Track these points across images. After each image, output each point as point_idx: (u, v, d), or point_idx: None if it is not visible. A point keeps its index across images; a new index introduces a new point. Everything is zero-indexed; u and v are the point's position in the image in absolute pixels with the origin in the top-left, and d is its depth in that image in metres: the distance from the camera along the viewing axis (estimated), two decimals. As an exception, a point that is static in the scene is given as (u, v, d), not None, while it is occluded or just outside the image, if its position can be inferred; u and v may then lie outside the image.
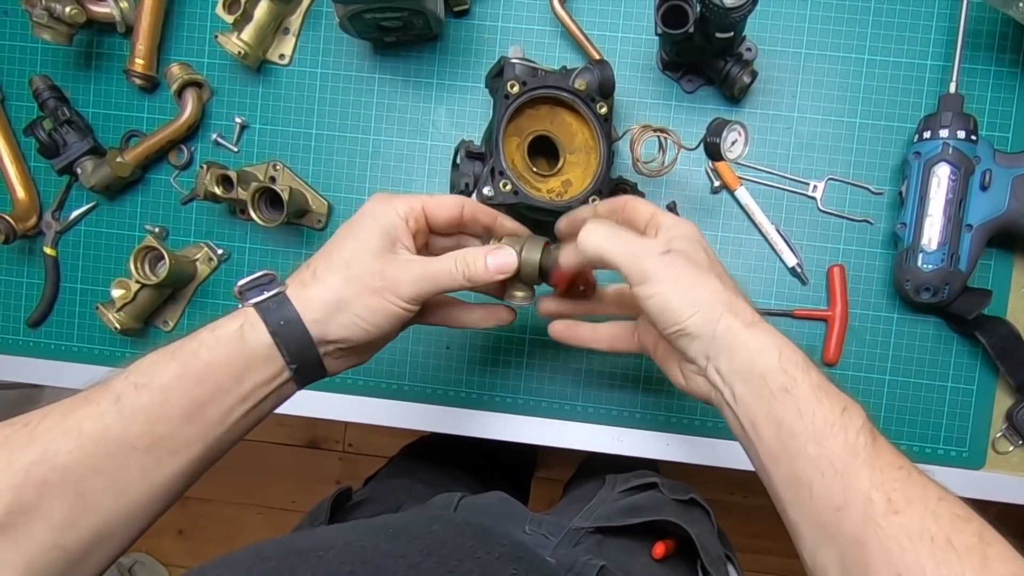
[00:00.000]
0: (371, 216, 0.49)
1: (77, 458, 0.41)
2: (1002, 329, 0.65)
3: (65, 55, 0.76)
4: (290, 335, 0.46)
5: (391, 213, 0.49)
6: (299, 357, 0.47)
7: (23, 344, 0.78)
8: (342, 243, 0.49)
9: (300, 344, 0.47)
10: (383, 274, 0.47)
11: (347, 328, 0.47)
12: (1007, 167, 0.63)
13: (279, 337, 0.46)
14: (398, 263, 0.48)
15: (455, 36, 0.72)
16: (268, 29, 0.71)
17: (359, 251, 0.48)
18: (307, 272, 0.48)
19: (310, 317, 0.46)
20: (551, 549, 0.61)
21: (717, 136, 0.57)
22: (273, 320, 0.46)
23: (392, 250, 0.49)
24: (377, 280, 0.47)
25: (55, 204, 0.77)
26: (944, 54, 0.68)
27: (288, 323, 0.46)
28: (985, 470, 0.69)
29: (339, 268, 0.47)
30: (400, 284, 0.47)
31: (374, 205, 0.50)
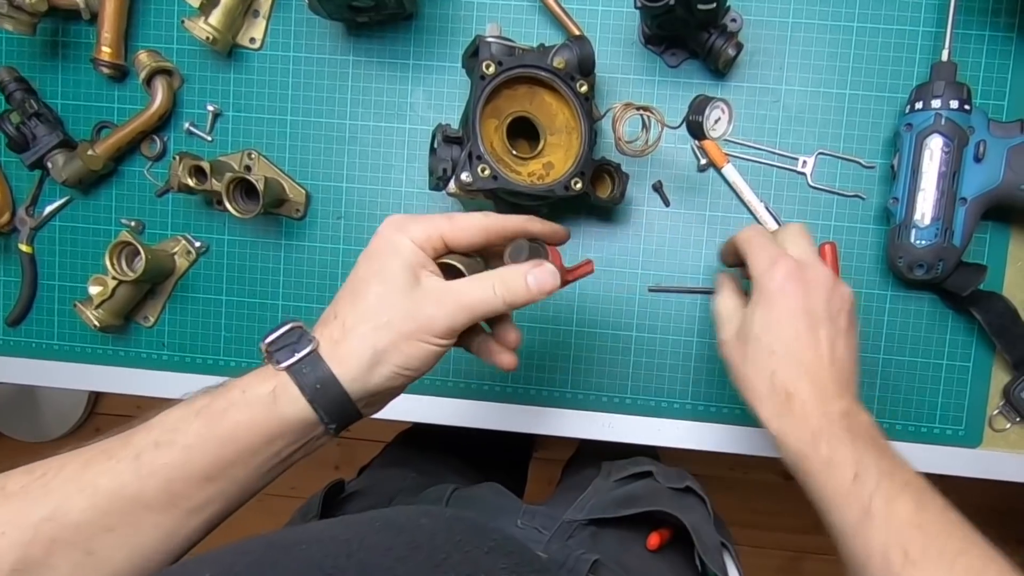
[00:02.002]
0: (390, 249, 0.45)
1: (90, 517, 0.40)
2: (998, 305, 0.63)
3: (30, 45, 0.73)
4: (327, 398, 0.43)
5: (408, 243, 0.45)
6: (338, 416, 0.44)
7: (2, 343, 0.77)
8: (366, 285, 0.45)
9: (338, 405, 0.44)
10: (416, 315, 0.44)
11: (388, 379, 0.44)
12: (1002, 137, 0.61)
13: (316, 402, 0.43)
14: (429, 298, 0.44)
15: (430, 14, 0.70)
16: (237, 12, 0.69)
17: (386, 294, 0.44)
18: (335, 325, 0.45)
19: (348, 377, 0.43)
20: (544, 543, 0.60)
21: (700, 114, 0.55)
22: (308, 384, 0.43)
23: (418, 282, 0.45)
24: (411, 323, 0.44)
25: (28, 200, 0.75)
26: (936, 20, 0.65)
27: (324, 385, 0.43)
28: (982, 448, 0.68)
29: (368, 316, 0.44)
30: (435, 322, 0.44)
31: (390, 234, 0.46)
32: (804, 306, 0.50)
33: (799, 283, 0.50)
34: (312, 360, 0.43)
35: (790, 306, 0.50)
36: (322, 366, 0.43)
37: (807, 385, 0.49)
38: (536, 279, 0.47)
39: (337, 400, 0.43)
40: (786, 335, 0.50)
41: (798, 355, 0.49)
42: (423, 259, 0.46)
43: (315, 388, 0.43)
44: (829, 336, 0.50)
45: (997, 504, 1.63)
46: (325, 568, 0.34)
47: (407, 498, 0.71)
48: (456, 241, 0.47)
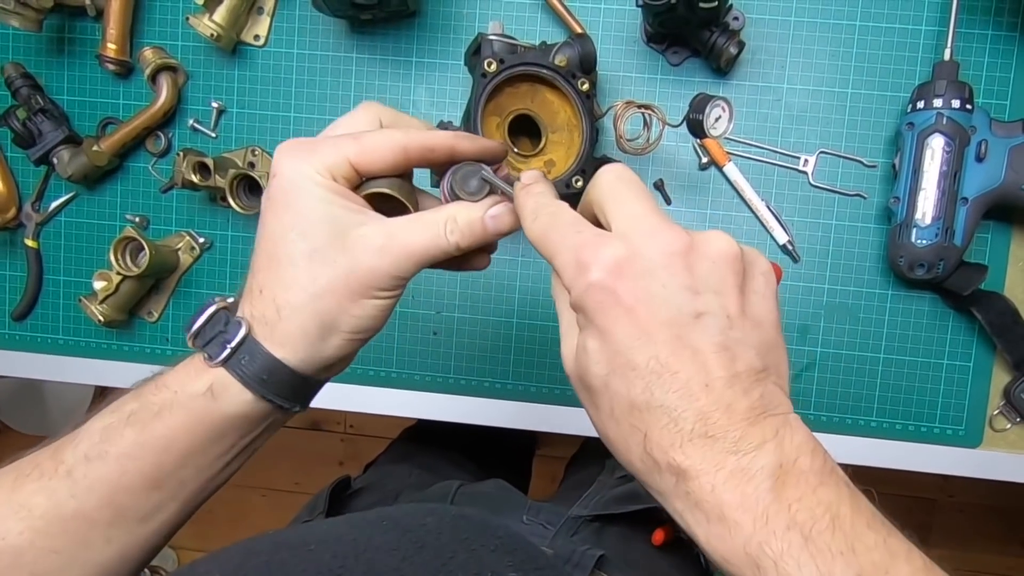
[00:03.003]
0: (298, 191, 0.37)
1: (29, 539, 0.37)
2: (999, 305, 0.63)
3: (36, 41, 0.74)
4: (280, 384, 0.38)
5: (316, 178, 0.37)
6: (298, 397, 0.40)
7: (8, 338, 0.78)
8: (286, 244, 0.38)
9: (293, 387, 0.39)
10: (356, 270, 0.37)
11: (342, 348, 0.39)
12: (1004, 137, 0.61)
13: (268, 392, 0.38)
14: (366, 247, 0.37)
15: (433, 11, 0.70)
16: (241, 9, 0.69)
17: (313, 252, 0.37)
18: (264, 301, 0.38)
19: (297, 358, 0.38)
20: (549, 539, 0.60)
21: (700, 113, 0.55)
22: (252, 376, 0.38)
23: (346, 228, 0.37)
24: (352, 281, 0.37)
25: (34, 195, 0.76)
26: (939, 19, 0.65)
27: (272, 374, 0.38)
28: (982, 448, 0.68)
29: (301, 285, 0.37)
30: (379, 274, 0.37)
31: (291, 170, 0.38)
32: (654, 311, 0.31)
33: (631, 279, 0.32)
34: (249, 348, 0.38)
35: (635, 320, 0.32)
36: (262, 354, 0.38)
37: (701, 447, 0.31)
38: (495, 220, 0.39)
39: (291, 384, 0.39)
40: (643, 370, 0.31)
41: (672, 399, 0.31)
42: (342, 195, 0.38)
43: (261, 379, 0.38)
44: (712, 340, 0.32)
45: (998, 503, 1.63)
46: (333, 568, 0.34)
47: (412, 494, 0.72)
48: (368, 165, 0.38)
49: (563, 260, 0.34)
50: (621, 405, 0.32)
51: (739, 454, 0.30)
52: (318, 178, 0.37)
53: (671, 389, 0.31)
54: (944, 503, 1.66)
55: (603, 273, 0.32)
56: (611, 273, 0.32)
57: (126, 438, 0.38)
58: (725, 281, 0.33)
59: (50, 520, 0.37)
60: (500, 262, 0.71)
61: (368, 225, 0.38)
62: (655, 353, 0.31)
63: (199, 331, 0.39)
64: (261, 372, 0.38)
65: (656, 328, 0.31)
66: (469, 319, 0.72)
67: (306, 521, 0.65)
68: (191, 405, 0.38)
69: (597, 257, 0.32)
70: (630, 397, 0.32)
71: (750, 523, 0.29)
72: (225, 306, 0.40)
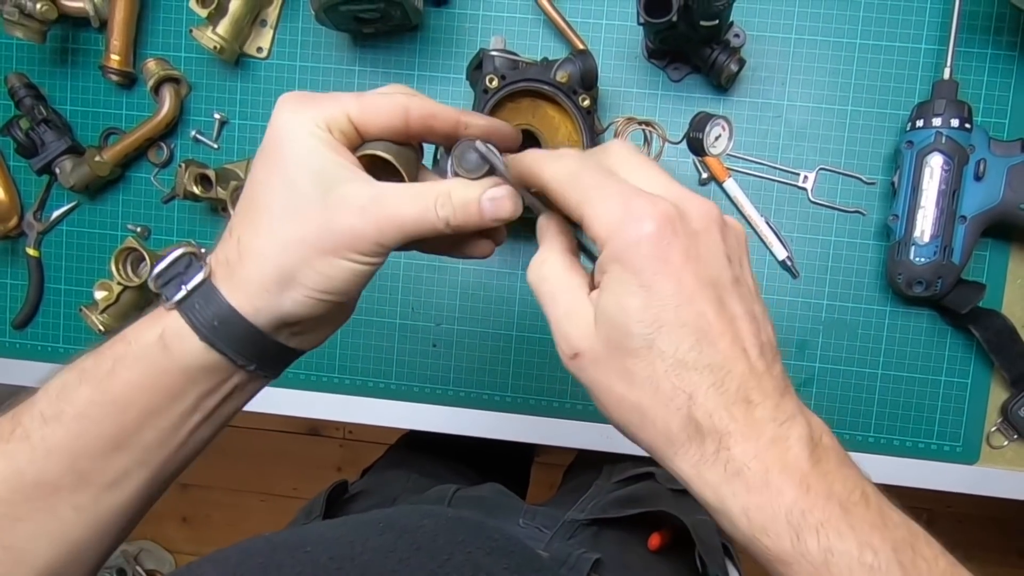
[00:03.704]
0: (290, 139, 0.35)
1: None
2: (996, 323, 0.64)
3: (40, 52, 0.74)
4: (231, 335, 0.36)
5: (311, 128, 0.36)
6: (254, 355, 0.37)
7: (8, 346, 0.78)
8: (267, 190, 0.36)
9: (248, 341, 0.36)
10: (333, 226, 0.35)
11: (302, 305, 0.36)
12: (1002, 156, 0.61)
13: (218, 342, 0.36)
14: (349, 206, 0.35)
15: (435, 25, 0.70)
16: (244, 22, 0.70)
17: (292, 199, 0.35)
18: (231, 244, 0.36)
19: (250, 306, 0.36)
20: (545, 542, 0.60)
21: (700, 131, 0.56)
22: (204, 321, 0.35)
23: (333, 183, 0.35)
24: (327, 236, 0.35)
25: (36, 204, 0.76)
26: (938, 38, 0.65)
27: (224, 321, 0.35)
28: (979, 465, 0.68)
29: (272, 230, 0.35)
30: (358, 237, 0.35)
31: (287, 120, 0.36)
32: (700, 272, 0.31)
33: (684, 237, 0.31)
34: (205, 292, 0.36)
35: (683, 278, 0.31)
36: (217, 298, 0.35)
37: (744, 412, 0.31)
38: (494, 204, 0.37)
39: (244, 336, 0.36)
40: (692, 327, 0.31)
41: (719, 358, 0.31)
42: (334, 149, 0.36)
43: (212, 326, 0.35)
44: (745, 308, 0.32)
45: (995, 514, 1.63)
46: (330, 570, 0.34)
47: (410, 499, 0.72)
48: (368, 125, 0.36)
49: (605, 208, 0.32)
50: (667, 364, 0.31)
51: (776, 422, 0.31)
52: (313, 128, 0.35)
53: (718, 349, 0.31)
54: (942, 513, 1.66)
55: (657, 226, 0.31)
56: (665, 227, 0.31)
57: (82, 396, 0.36)
58: (744, 257, 0.34)
59: (12, 488, 0.35)
60: (499, 275, 0.72)
61: (354, 183, 0.35)
62: (703, 311, 0.31)
63: (161, 272, 0.37)
64: (212, 318, 0.35)
65: (702, 288, 0.31)
66: (468, 331, 0.73)
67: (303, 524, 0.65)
68: (145, 356, 0.36)
69: (652, 209, 0.31)
70: (678, 355, 0.31)
71: (793, 490, 0.29)
72: (193, 251, 0.37)
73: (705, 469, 0.31)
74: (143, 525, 0.42)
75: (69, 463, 0.36)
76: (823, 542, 0.29)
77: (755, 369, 0.31)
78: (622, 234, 0.31)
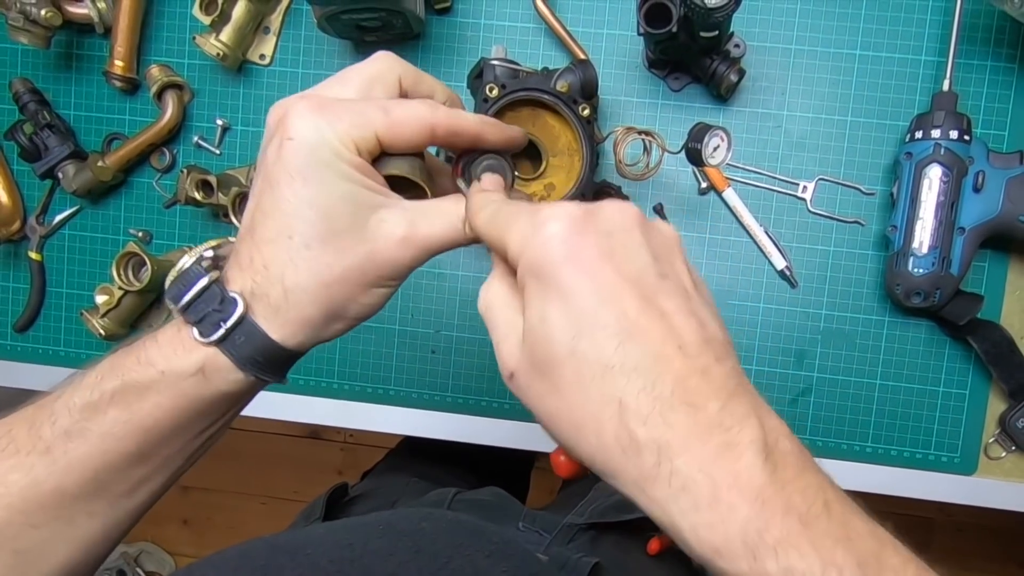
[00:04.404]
0: (318, 160, 0.34)
1: (6, 517, 0.36)
2: (995, 334, 0.64)
3: (45, 57, 0.75)
4: (273, 363, 0.37)
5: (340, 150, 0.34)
6: (285, 372, 0.39)
7: (10, 349, 0.78)
8: (299, 221, 0.34)
9: (284, 364, 0.38)
10: (374, 258, 0.35)
11: (340, 332, 0.38)
12: (1001, 168, 0.61)
13: (259, 371, 0.36)
14: (388, 236, 0.35)
15: (437, 34, 0.71)
16: (247, 29, 0.70)
17: (328, 230, 0.34)
18: (269, 282, 0.35)
19: (295, 341, 0.36)
20: (544, 546, 0.60)
21: (699, 142, 0.56)
22: (247, 357, 0.36)
23: (370, 210, 0.35)
24: (369, 270, 0.35)
25: (39, 208, 0.77)
26: (938, 50, 0.66)
27: (268, 355, 0.36)
28: (977, 476, 0.68)
29: (311, 271, 0.34)
30: (396, 266, 0.36)
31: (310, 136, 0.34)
32: (619, 269, 0.30)
33: (595, 235, 0.30)
34: (246, 329, 0.35)
35: (598, 276, 0.29)
36: (260, 335, 0.35)
37: (685, 417, 0.28)
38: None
39: (282, 361, 0.37)
40: (615, 327, 0.29)
41: (647, 360, 0.29)
42: (366, 172, 0.35)
43: (255, 360, 0.36)
44: (679, 304, 0.30)
45: (996, 524, 1.62)
46: (329, 572, 0.34)
47: (409, 502, 0.72)
48: (393, 142, 0.35)
49: (515, 229, 0.32)
50: (591, 370, 0.29)
51: (723, 427, 0.28)
52: (343, 151, 0.34)
53: (645, 348, 0.29)
54: (942, 522, 1.65)
55: (564, 225, 0.30)
56: (573, 226, 0.30)
57: (109, 416, 0.36)
58: (676, 256, 0.33)
59: (28, 497, 0.36)
60: (499, 282, 0.72)
61: (389, 210, 0.35)
62: (624, 310, 0.29)
63: (191, 306, 0.36)
64: (256, 354, 0.35)
65: (622, 285, 0.29)
66: (468, 338, 0.73)
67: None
68: (180, 385, 0.36)
69: (556, 211, 0.31)
70: (602, 359, 0.29)
71: (746, 506, 0.26)
72: (217, 278, 0.36)
73: (648, 485, 0.28)
74: (143, 527, 0.42)
75: (90, 476, 0.36)
76: (782, 562, 0.26)
77: (695, 365, 0.29)
78: (531, 242, 0.30)
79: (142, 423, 0.36)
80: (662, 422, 0.28)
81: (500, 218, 0.34)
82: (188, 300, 0.35)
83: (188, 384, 0.36)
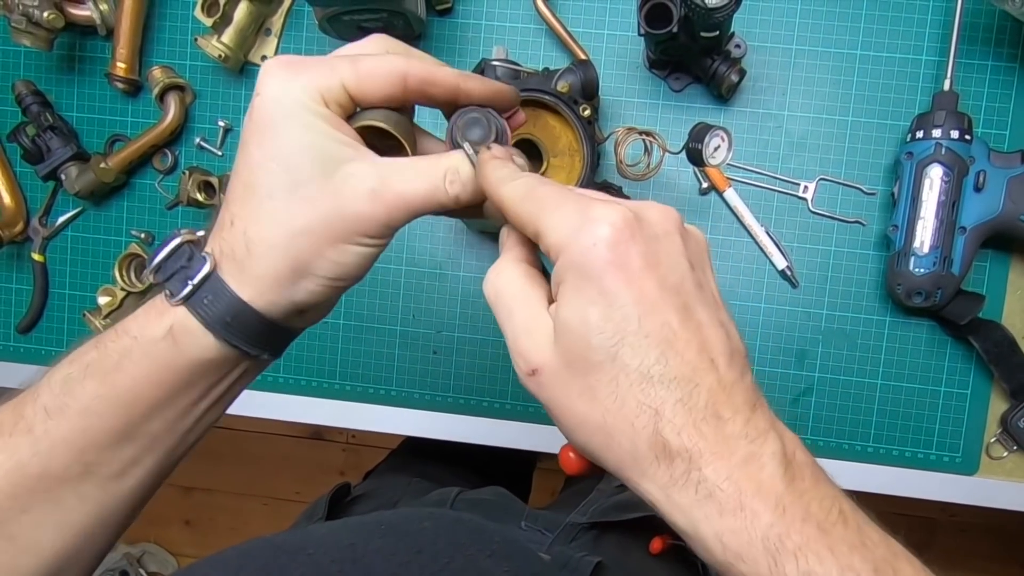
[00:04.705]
0: (285, 114, 0.33)
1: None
2: (996, 334, 0.64)
3: (47, 59, 0.75)
4: (245, 329, 0.35)
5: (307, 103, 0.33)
6: (266, 344, 0.37)
7: (13, 350, 0.79)
8: (266, 175, 0.34)
9: (262, 333, 0.36)
10: (342, 214, 0.34)
11: (315, 294, 0.36)
12: (1002, 167, 0.61)
13: (232, 337, 0.35)
14: (357, 190, 0.33)
15: (438, 35, 0.71)
16: (249, 31, 0.70)
17: (294, 184, 0.33)
18: (235, 235, 0.34)
19: (264, 300, 0.35)
20: (547, 546, 0.60)
21: (699, 142, 0.56)
22: (215, 317, 0.34)
23: (336, 164, 0.34)
24: (337, 224, 0.34)
25: (42, 210, 0.77)
26: (939, 49, 0.66)
27: (237, 316, 0.35)
28: (978, 476, 0.68)
29: (278, 221, 0.34)
30: (368, 221, 0.34)
31: (279, 89, 0.33)
32: (662, 278, 0.30)
33: (643, 242, 0.30)
34: (213, 287, 0.34)
35: (644, 285, 0.30)
36: (227, 293, 0.34)
37: (714, 429, 0.29)
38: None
39: (257, 329, 0.35)
40: (657, 337, 0.29)
41: (686, 370, 0.29)
42: (333, 123, 0.34)
43: (225, 322, 0.34)
44: (712, 315, 0.31)
45: (998, 524, 1.62)
46: (331, 572, 0.34)
47: (411, 502, 0.72)
48: (364, 93, 0.34)
49: (560, 217, 0.31)
50: (630, 379, 0.29)
51: (748, 439, 0.29)
52: (307, 101, 0.33)
53: (685, 360, 0.29)
54: (945, 523, 1.65)
55: (614, 229, 0.29)
56: (623, 230, 0.30)
57: (87, 390, 0.35)
58: (707, 263, 0.33)
59: (15, 480, 0.35)
60: (501, 283, 0.72)
61: (359, 163, 0.34)
62: (667, 319, 0.29)
63: (160, 264, 0.35)
64: (224, 314, 0.34)
65: (665, 294, 0.30)
66: (469, 339, 0.73)
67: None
68: (152, 351, 0.34)
69: (609, 213, 0.30)
70: (643, 368, 0.29)
71: (769, 513, 0.28)
72: (192, 239, 0.35)
73: (675, 492, 0.29)
74: (146, 527, 0.42)
75: (75, 456, 0.35)
76: (802, 566, 0.27)
77: (724, 381, 0.30)
78: (578, 239, 0.30)
79: (120, 396, 0.35)
80: (695, 433, 0.29)
81: (537, 200, 0.32)
82: (160, 259, 0.35)
83: (159, 350, 0.35)
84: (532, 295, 0.33)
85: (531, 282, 0.34)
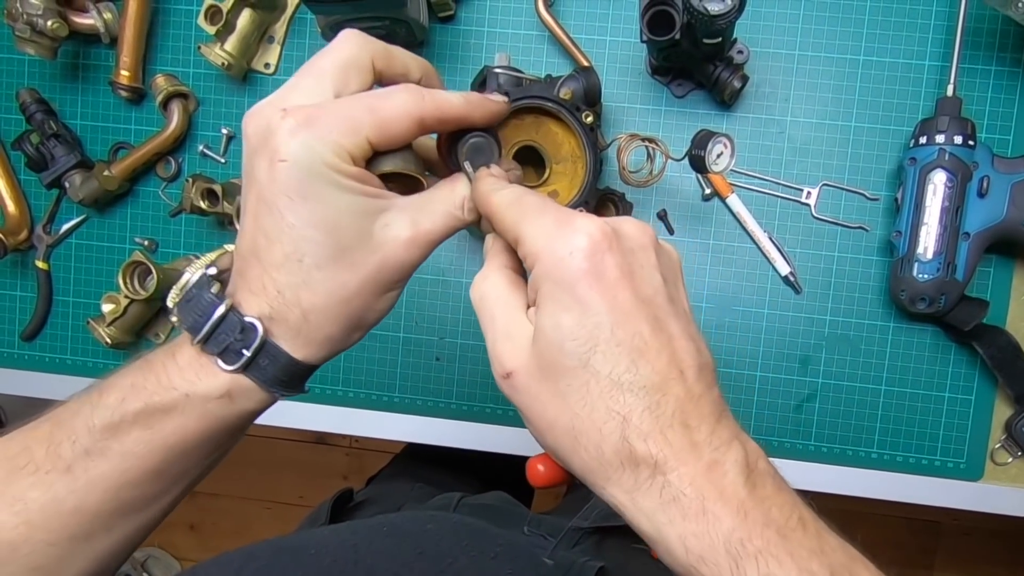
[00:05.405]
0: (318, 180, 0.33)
1: (25, 534, 0.35)
2: (1000, 339, 0.63)
3: (51, 67, 0.75)
4: (297, 380, 0.37)
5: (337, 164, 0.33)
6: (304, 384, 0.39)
7: (17, 357, 0.79)
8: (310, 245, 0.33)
9: (305, 378, 0.38)
10: (385, 265, 0.35)
11: (359, 339, 0.38)
12: (1006, 173, 0.61)
13: (286, 390, 0.37)
14: (394, 241, 0.35)
15: (441, 42, 0.71)
16: (252, 39, 0.70)
17: (338, 247, 0.34)
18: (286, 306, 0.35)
19: (318, 357, 0.37)
20: (549, 550, 0.60)
21: (702, 149, 0.56)
22: (272, 378, 0.36)
23: (374, 217, 0.34)
24: (382, 278, 0.35)
25: (46, 217, 0.77)
26: (942, 54, 0.66)
27: (292, 375, 0.36)
28: (983, 481, 0.68)
29: (327, 291, 0.34)
30: (405, 266, 0.36)
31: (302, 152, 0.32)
32: (636, 289, 0.31)
33: (618, 254, 0.31)
34: (269, 353, 0.35)
35: (618, 295, 0.31)
36: (283, 356, 0.35)
37: (681, 436, 0.30)
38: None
39: (305, 376, 0.38)
40: (628, 346, 0.30)
41: (656, 379, 0.30)
42: (364, 180, 0.34)
43: (280, 380, 0.36)
44: (682, 328, 0.32)
45: (1003, 527, 1.62)
46: (333, 573, 0.34)
47: (414, 507, 0.72)
48: (385, 142, 0.34)
49: (539, 226, 0.32)
50: (601, 385, 0.30)
51: (712, 447, 0.30)
52: (339, 163, 0.33)
53: (655, 369, 0.30)
54: (949, 526, 1.65)
55: (592, 241, 0.31)
56: (600, 241, 0.31)
57: (131, 436, 0.36)
58: (679, 278, 0.35)
59: (48, 515, 0.36)
60: (504, 289, 0.72)
61: (390, 213, 0.35)
62: (639, 330, 0.31)
63: (211, 337, 0.35)
64: (281, 374, 0.36)
65: (638, 306, 0.31)
66: (472, 345, 0.73)
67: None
68: (205, 408, 0.36)
69: (586, 224, 0.31)
70: (614, 375, 0.30)
71: (731, 517, 0.29)
72: (233, 306, 0.35)
73: (640, 496, 0.30)
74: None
75: (111, 494, 0.36)
76: (763, 570, 0.28)
77: (692, 392, 0.31)
78: (555, 248, 0.31)
79: (165, 442, 0.36)
80: (662, 439, 0.30)
81: (520, 207, 0.34)
82: (207, 332, 0.35)
83: (213, 406, 0.36)
84: (513, 301, 0.34)
85: (514, 288, 0.35)
